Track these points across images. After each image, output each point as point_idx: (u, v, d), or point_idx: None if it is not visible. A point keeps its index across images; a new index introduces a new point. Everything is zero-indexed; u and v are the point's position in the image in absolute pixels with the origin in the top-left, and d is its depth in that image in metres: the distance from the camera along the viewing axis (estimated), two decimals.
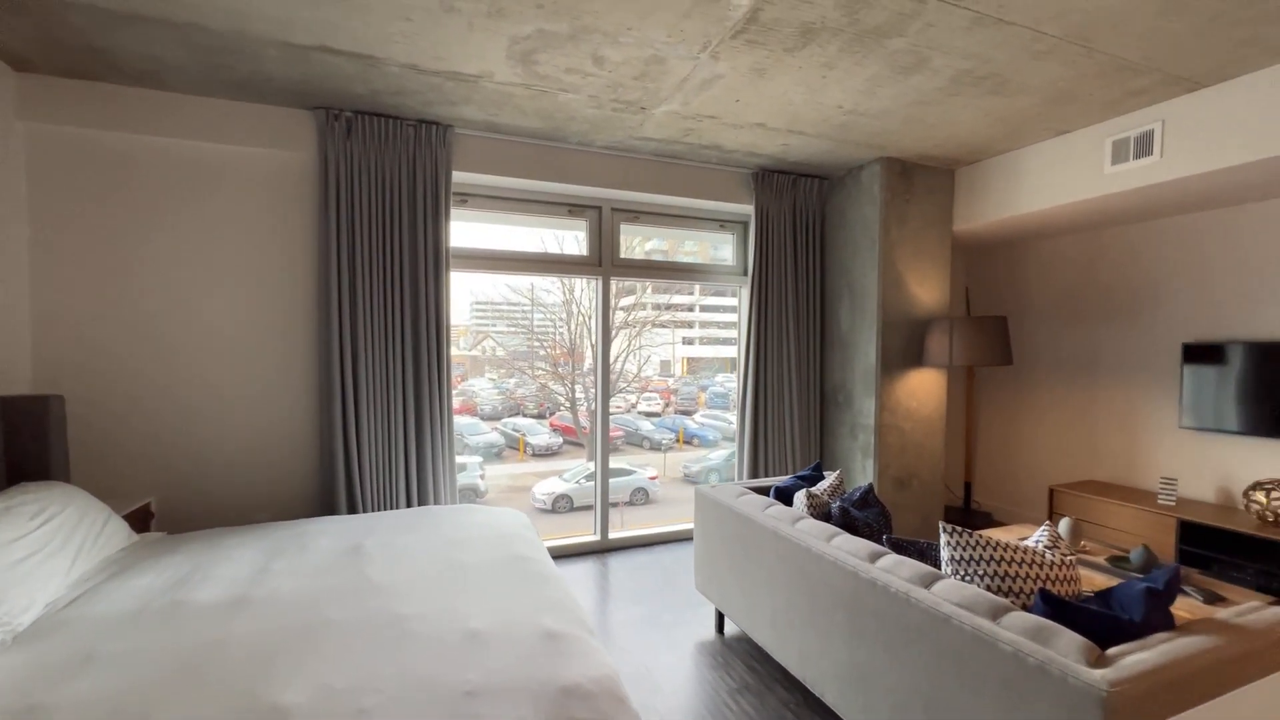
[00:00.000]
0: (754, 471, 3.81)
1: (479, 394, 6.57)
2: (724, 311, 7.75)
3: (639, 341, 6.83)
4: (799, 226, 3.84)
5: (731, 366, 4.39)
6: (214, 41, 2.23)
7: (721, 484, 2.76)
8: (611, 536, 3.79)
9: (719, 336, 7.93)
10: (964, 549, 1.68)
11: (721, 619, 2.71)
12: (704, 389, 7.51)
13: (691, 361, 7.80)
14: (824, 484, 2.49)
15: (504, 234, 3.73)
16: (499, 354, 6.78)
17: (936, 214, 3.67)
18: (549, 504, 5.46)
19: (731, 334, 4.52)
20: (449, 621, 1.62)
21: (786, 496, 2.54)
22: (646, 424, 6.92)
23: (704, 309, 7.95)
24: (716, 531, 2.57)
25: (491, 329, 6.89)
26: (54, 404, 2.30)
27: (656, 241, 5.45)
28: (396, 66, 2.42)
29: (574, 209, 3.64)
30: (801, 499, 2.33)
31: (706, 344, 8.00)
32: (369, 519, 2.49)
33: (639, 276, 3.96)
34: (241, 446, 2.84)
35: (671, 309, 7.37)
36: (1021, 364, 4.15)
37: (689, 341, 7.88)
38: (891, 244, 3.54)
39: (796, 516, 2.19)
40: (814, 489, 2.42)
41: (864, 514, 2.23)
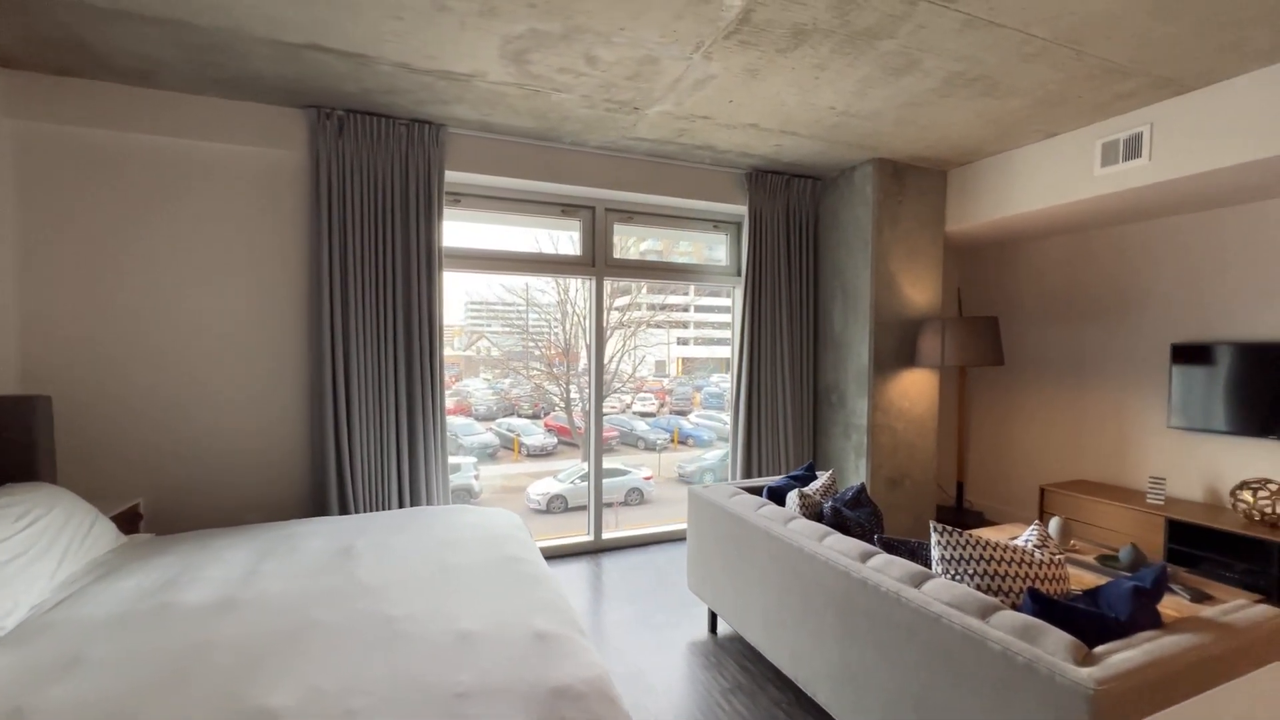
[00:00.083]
0: (748, 471, 3.82)
1: (474, 394, 6.54)
2: (719, 312, 7.75)
3: (634, 342, 6.82)
4: (792, 227, 3.85)
5: (726, 367, 4.39)
6: (203, 39, 2.21)
7: (715, 484, 2.76)
8: (605, 537, 3.79)
9: (714, 337, 7.92)
10: (954, 548, 1.69)
11: (714, 619, 2.71)
12: (699, 389, 7.50)
13: (686, 362, 7.79)
14: (816, 484, 2.50)
15: (498, 234, 3.72)
16: (494, 354, 6.76)
17: (928, 215, 3.69)
18: (544, 504, 5.44)
19: (726, 334, 4.52)
20: (440, 623, 1.61)
21: (779, 496, 2.55)
22: (641, 424, 6.91)
23: (699, 309, 7.95)
24: (710, 531, 2.57)
25: (486, 329, 6.86)
26: (41, 404, 2.27)
27: (651, 242, 5.45)
28: (388, 65, 2.41)
29: (567, 209, 3.63)
30: (794, 499, 2.34)
31: (701, 344, 7.99)
32: (360, 520, 2.48)
33: (633, 277, 3.96)
34: (231, 447, 2.82)
35: (666, 309, 7.36)
36: (1013, 364, 4.18)
37: (684, 342, 7.87)
38: (884, 245, 3.55)
39: (789, 516, 2.19)
40: (806, 489, 2.43)
41: (856, 514, 2.24)
